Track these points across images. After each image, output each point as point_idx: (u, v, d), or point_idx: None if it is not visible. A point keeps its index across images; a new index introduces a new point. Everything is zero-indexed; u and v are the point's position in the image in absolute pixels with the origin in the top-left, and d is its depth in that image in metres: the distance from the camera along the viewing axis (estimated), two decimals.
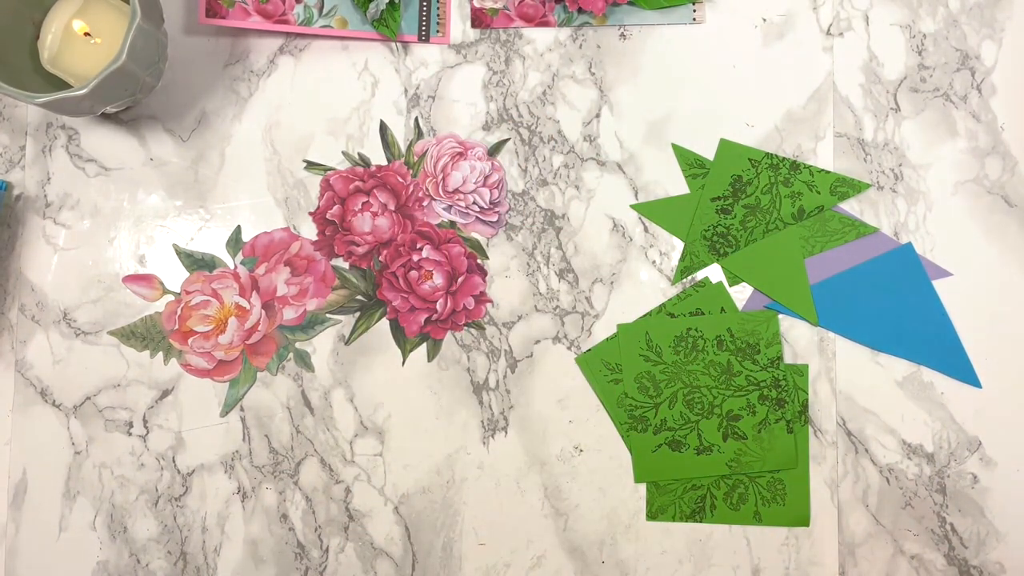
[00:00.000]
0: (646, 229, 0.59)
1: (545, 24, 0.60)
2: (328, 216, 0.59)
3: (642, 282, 0.58)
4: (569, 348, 0.58)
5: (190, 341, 0.58)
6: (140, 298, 0.58)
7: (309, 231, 0.59)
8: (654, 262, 0.59)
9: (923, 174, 0.59)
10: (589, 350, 0.58)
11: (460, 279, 0.58)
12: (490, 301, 0.58)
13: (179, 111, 0.59)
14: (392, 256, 0.58)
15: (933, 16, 0.60)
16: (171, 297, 0.58)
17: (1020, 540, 0.57)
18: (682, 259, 0.58)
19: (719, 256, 0.58)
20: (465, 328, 0.58)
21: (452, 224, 0.59)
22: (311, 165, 0.59)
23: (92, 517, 0.57)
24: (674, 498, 0.57)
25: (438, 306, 0.58)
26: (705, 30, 0.60)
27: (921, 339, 0.57)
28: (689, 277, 0.58)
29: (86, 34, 0.53)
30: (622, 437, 0.57)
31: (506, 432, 0.58)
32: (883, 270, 0.58)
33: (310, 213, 0.59)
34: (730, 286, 0.58)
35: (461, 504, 0.58)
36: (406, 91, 0.60)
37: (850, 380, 0.58)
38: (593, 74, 0.60)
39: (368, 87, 0.60)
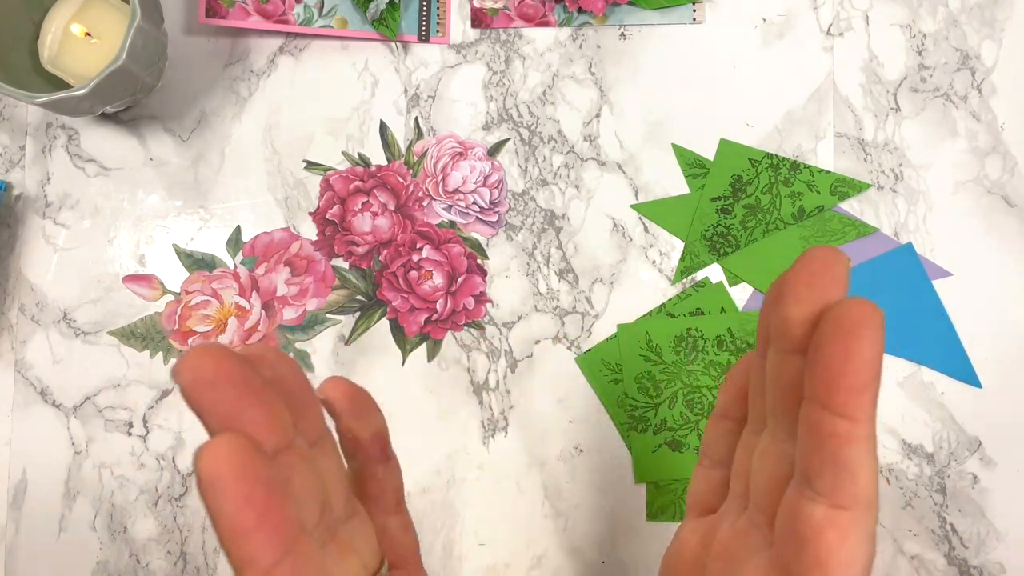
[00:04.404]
0: (646, 229, 0.59)
1: (545, 24, 0.60)
2: (328, 216, 0.59)
3: (642, 282, 0.58)
4: (569, 348, 0.58)
5: (190, 341, 0.58)
6: (140, 298, 0.58)
7: (309, 231, 0.59)
8: (654, 262, 0.59)
9: (923, 174, 0.59)
10: (589, 350, 0.58)
11: (460, 279, 0.58)
12: (490, 301, 0.58)
13: (179, 111, 0.59)
14: (392, 256, 0.58)
15: (933, 16, 0.60)
16: (171, 297, 0.58)
17: (1020, 540, 0.57)
18: (682, 259, 0.58)
19: (719, 256, 0.58)
20: (465, 328, 0.58)
21: (452, 224, 0.59)
22: (311, 165, 0.59)
23: (92, 517, 0.57)
24: (674, 498, 0.57)
25: (438, 306, 0.58)
26: (705, 30, 0.60)
27: (921, 339, 0.57)
28: (689, 277, 0.58)
29: (86, 34, 0.53)
30: (622, 437, 0.57)
31: (506, 432, 0.58)
32: (883, 270, 0.58)
33: (310, 213, 0.59)
34: (730, 286, 0.58)
35: (461, 504, 0.58)
36: (406, 91, 0.60)
37: None
38: (593, 74, 0.60)
39: (368, 87, 0.60)
